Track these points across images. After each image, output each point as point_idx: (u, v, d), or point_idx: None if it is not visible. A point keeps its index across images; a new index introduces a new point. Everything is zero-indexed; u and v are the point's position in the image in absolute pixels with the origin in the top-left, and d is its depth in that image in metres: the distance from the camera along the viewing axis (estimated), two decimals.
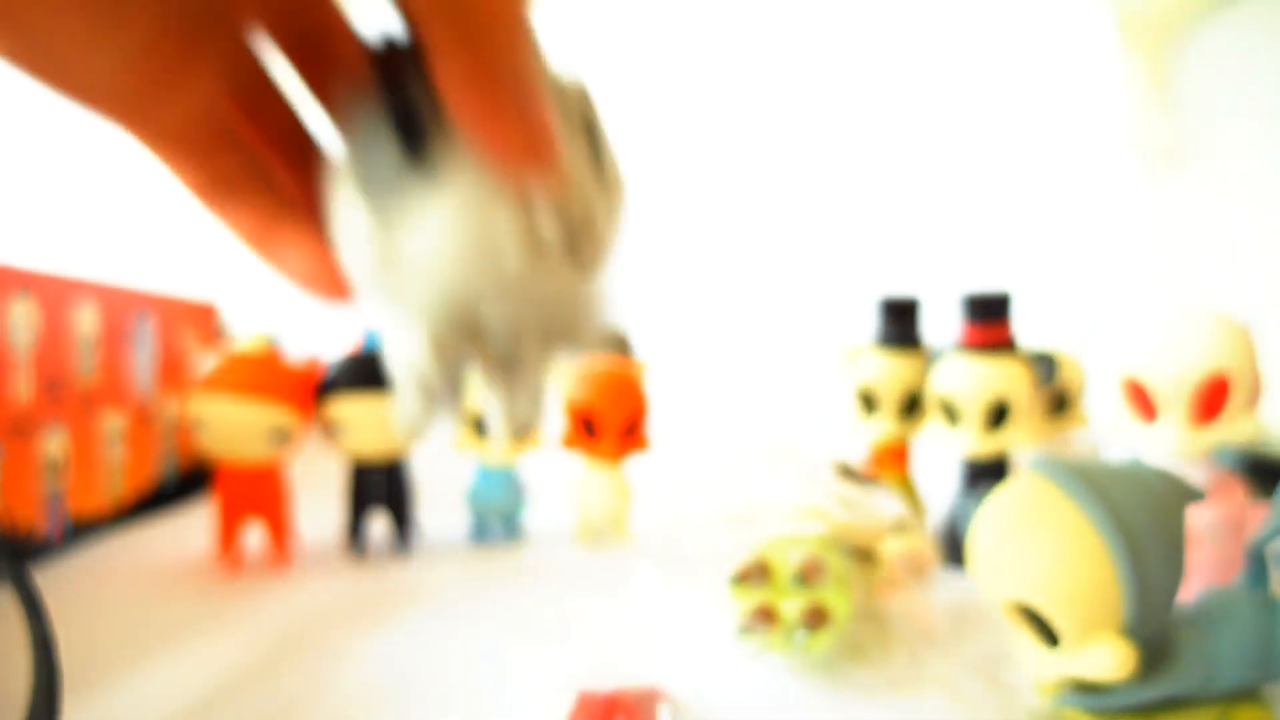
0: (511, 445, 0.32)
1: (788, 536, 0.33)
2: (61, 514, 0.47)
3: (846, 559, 0.32)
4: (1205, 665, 0.24)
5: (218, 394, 0.43)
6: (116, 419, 0.54)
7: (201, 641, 0.35)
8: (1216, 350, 0.32)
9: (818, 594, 0.32)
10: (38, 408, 0.45)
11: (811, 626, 0.31)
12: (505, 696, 0.30)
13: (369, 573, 0.45)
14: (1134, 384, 0.35)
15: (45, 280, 0.46)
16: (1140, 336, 0.34)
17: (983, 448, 0.43)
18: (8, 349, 0.43)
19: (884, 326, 0.49)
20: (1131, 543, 0.23)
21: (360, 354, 0.47)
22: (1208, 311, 0.33)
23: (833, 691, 0.30)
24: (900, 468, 0.50)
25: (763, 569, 0.32)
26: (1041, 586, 0.23)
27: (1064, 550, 0.23)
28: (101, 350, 0.52)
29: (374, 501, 0.48)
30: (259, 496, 0.46)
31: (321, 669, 0.33)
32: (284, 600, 0.41)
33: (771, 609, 0.32)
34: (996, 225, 0.94)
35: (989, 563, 0.25)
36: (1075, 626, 0.24)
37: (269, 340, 0.46)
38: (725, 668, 0.33)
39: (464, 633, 0.36)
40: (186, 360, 0.65)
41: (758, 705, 0.30)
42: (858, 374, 0.50)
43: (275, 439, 0.45)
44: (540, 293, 0.22)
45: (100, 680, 0.31)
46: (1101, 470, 0.24)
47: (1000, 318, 0.43)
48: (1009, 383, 0.42)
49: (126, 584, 0.43)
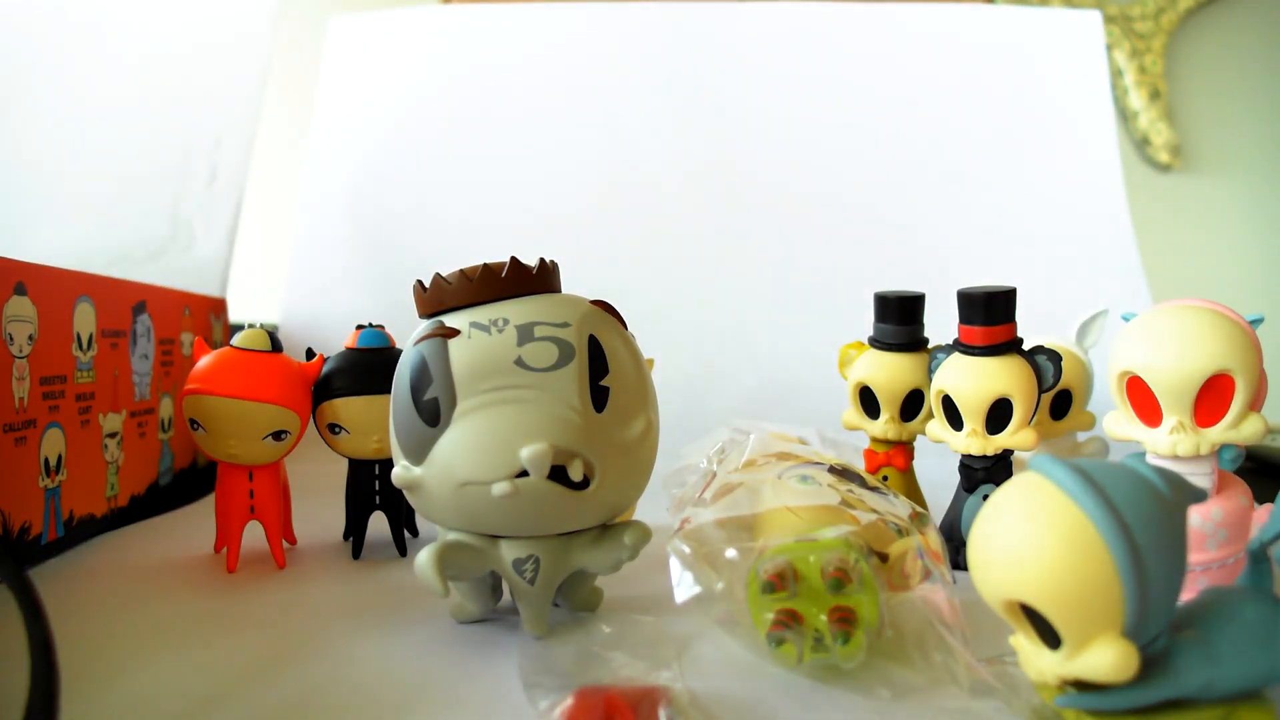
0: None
1: (811, 542, 0.32)
2: (59, 513, 0.47)
3: (869, 561, 0.32)
4: (1207, 666, 0.24)
5: (217, 394, 0.43)
6: (115, 418, 0.54)
7: (201, 641, 0.35)
8: (1219, 350, 0.32)
9: (848, 599, 0.31)
10: (35, 406, 0.45)
11: (843, 632, 0.30)
12: (505, 696, 0.30)
13: (369, 573, 0.45)
14: (1137, 384, 0.35)
15: (43, 275, 0.46)
16: (1143, 336, 0.34)
17: (983, 448, 0.43)
18: (5, 345, 0.42)
19: (884, 324, 0.49)
20: (1132, 543, 0.23)
21: (359, 353, 0.47)
22: (1210, 311, 0.33)
23: (834, 691, 0.30)
24: (901, 467, 0.50)
25: (791, 576, 0.31)
26: (1042, 587, 0.23)
27: (1065, 551, 0.23)
28: (100, 347, 0.52)
29: (373, 502, 0.48)
30: (259, 496, 0.45)
31: (321, 669, 0.33)
32: (284, 600, 0.40)
33: (797, 613, 0.31)
34: (997, 225, 0.94)
35: (989, 563, 0.25)
36: (1076, 627, 0.23)
37: (267, 332, 0.46)
38: (726, 667, 0.32)
39: (463, 632, 0.36)
40: (187, 357, 0.65)
41: (758, 705, 0.30)
42: (858, 372, 0.50)
43: (275, 439, 0.45)
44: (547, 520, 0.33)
45: (99, 680, 0.31)
46: (1102, 470, 0.24)
47: (1002, 316, 0.42)
48: (1010, 382, 0.42)
49: (125, 584, 0.43)
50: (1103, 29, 1.02)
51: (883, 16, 1.01)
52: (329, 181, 0.96)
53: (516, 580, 0.34)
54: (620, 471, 0.33)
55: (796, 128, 0.98)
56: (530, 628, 0.35)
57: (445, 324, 0.33)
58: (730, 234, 0.94)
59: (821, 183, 0.96)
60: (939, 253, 0.91)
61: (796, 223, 0.94)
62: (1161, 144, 1.53)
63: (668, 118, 0.98)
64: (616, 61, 1.00)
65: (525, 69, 0.99)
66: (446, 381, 0.32)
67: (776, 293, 0.91)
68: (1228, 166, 1.56)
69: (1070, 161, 0.97)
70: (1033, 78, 0.99)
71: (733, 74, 0.99)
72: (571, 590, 0.38)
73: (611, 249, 0.91)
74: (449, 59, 1.01)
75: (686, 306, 0.90)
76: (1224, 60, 1.57)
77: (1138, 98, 1.53)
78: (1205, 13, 1.56)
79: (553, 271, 0.36)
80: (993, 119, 0.98)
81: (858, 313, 0.54)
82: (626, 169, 0.96)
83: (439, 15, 1.05)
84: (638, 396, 0.34)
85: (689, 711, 0.28)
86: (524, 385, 0.32)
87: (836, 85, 0.99)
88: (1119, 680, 0.23)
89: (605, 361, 0.33)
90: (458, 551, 0.33)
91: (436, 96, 0.99)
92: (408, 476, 0.33)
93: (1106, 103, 0.99)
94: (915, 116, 0.98)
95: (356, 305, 0.84)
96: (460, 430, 0.32)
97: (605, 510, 0.34)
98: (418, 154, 0.97)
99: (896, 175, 0.96)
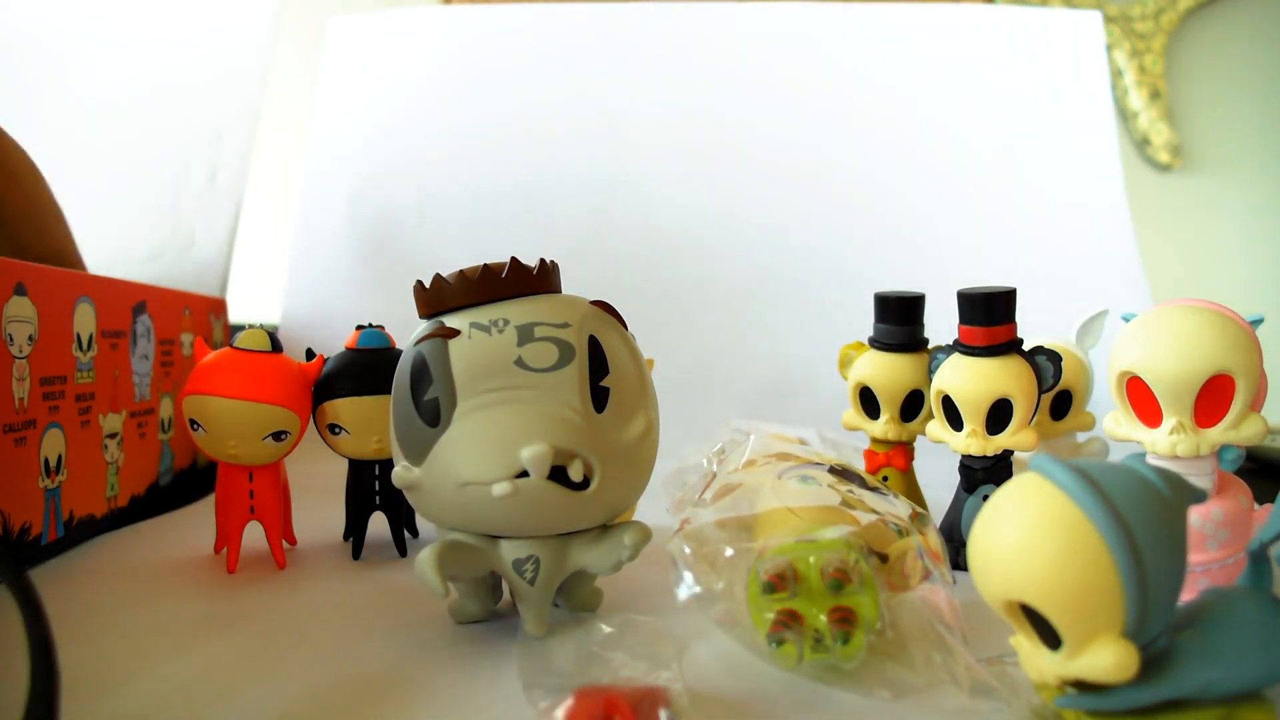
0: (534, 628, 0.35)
1: (811, 542, 0.32)
2: (59, 513, 0.47)
3: (869, 562, 0.32)
4: (1207, 666, 0.24)
5: (217, 394, 0.43)
6: (115, 418, 0.54)
7: (201, 641, 0.35)
8: (1219, 351, 0.32)
9: (848, 600, 0.31)
10: (35, 406, 0.45)
11: (843, 632, 0.30)
12: (505, 696, 0.30)
13: (369, 573, 0.45)
14: (1137, 384, 0.35)
15: (43, 275, 0.46)
16: (1143, 336, 0.34)
17: (983, 448, 0.43)
18: (5, 346, 0.42)
19: (884, 325, 0.49)
20: (1133, 543, 0.23)
21: (359, 353, 0.47)
22: (1210, 311, 0.33)
23: (834, 691, 0.30)
24: (901, 467, 0.50)
25: (791, 577, 0.31)
26: (1042, 587, 0.23)
27: (1065, 551, 0.23)
28: (100, 347, 0.52)
29: (373, 502, 0.48)
30: (259, 497, 0.45)
31: (321, 669, 0.33)
32: (284, 600, 0.40)
33: (797, 613, 0.31)
34: (997, 225, 0.94)
35: (989, 563, 0.25)
36: (1076, 627, 0.23)
37: (267, 332, 0.46)
38: (726, 667, 0.32)
39: (463, 632, 0.36)
40: (187, 357, 0.65)
41: (758, 705, 0.30)
42: (858, 373, 0.50)
43: (275, 439, 0.44)
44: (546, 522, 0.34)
45: (99, 680, 0.31)
46: (1102, 470, 0.24)
47: (1002, 317, 0.42)
48: (1011, 383, 0.42)
49: (125, 584, 0.43)
50: (1103, 29, 1.02)
51: (882, 16, 1.01)
52: (329, 181, 0.96)
53: (516, 580, 0.34)
54: (620, 472, 0.33)
55: (796, 128, 0.98)
56: (530, 628, 0.35)
57: (445, 324, 0.33)
58: (730, 234, 0.94)
59: (821, 182, 0.96)
60: (939, 253, 0.91)
61: (796, 222, 0.94)
62: (1161, 144, 1.53)
63: (668, 118, 0.98)
64: (616, 61, 1.00)
65: (525, 69, 0.99)
66: (447, 382, 0.32)
67: (776, 293, 0.91)
68: (1228, 166, 1.56)
69: (1070, 161, 0.97)
70: (1033, 78, 0.99)
71: (732, 74, 0.99)
72: (571, 590, 0.38)
73: (611, 249, 0.91)
74: (449, 59, 1.01)
75: (686, 306, 0.90)
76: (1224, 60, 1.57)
77: (1138, 98, 1.53)
78: (1205, 13, 1.57)
79: (553, 272, 0.36)
80: (993, 119, 0.98)
81: (858, 313, 0.54)
82: (627, 169, 0.96)
83: (439, 15, 1.05)
84: (638, 397, 0.34)
85: (689, 711, 0.28)
86: (524, 386, 0.32)
87: (836, 85, 0.99)
88: (1119, 680, 0.23)
89: (605, 362, 0.33)
90: (458, 552, 0.33)
91: (436, 97, 0.99)
92: (408, 477, 0.33)
93: (1106, 103, 0.99)
94: (915, 116, 0.98)
95: (356, 305, 0.84)
96: (460, 430, 0.32)
97: (605, 510, 0.34)
98: (418, 154, 0.97)
99: (896, 175, 0.96)
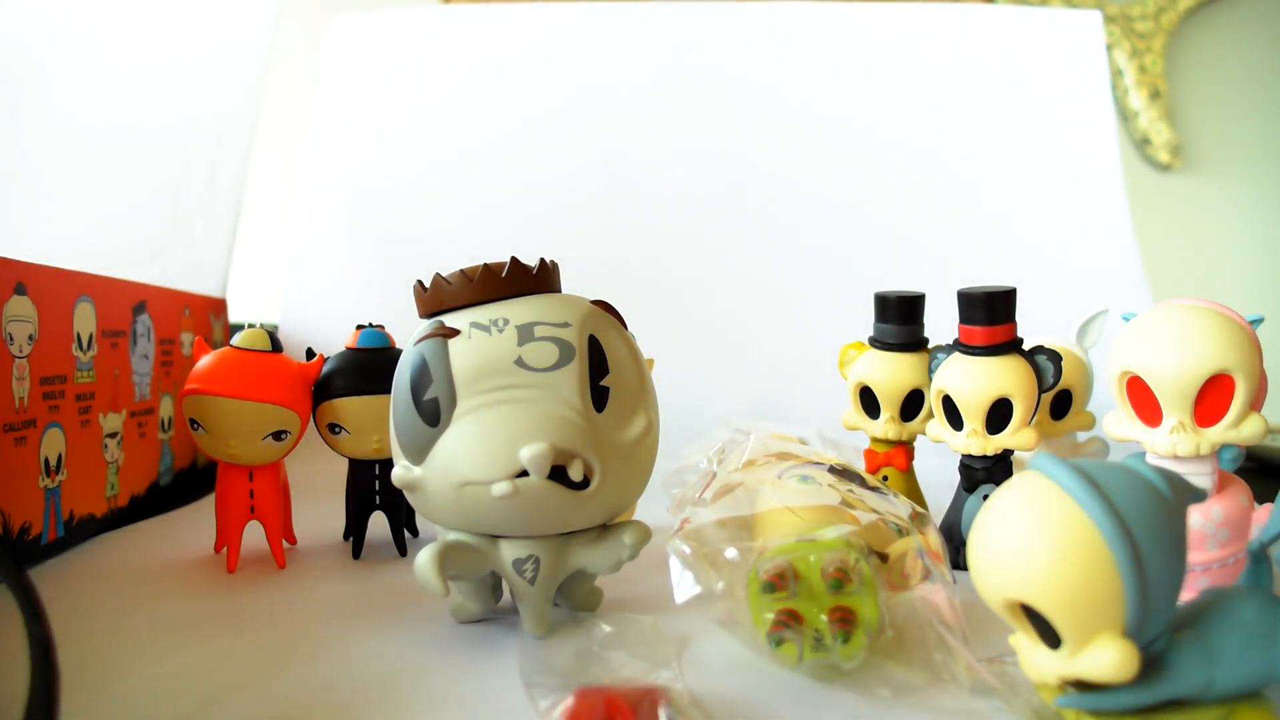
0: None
1: (811, 542, 0.32)
2: (59, 513, 0.47)
3: (869, 561, 0.32)
4: (1207, 666, 0.24)
5: (217, 394, 0.43)
6: (115, 417, 0.54)
7: (201, 641, 0.35)
8: (1220, 351, 0.32)
9: (848, 599, 0.31)
10: (35, 406, 0.45)
11: (843, 631, 0.30)
12: (505, 696, 0.30)
13: (369, 573, 0.45)
14: (1137, 384, 0.35)
15: (43, 275, 0.46)
16: (1143, 336, 0.34)
17: (983, 448, 0.43)
18: (5, 345, 0.42)
19: (884, 324, 0.49)
20: (1133, 543, 0.23)
21: (359, 353, 0.47)
22: (1211, 311, 0.33)
23: (834, 691, 0.30)
24: (901, 467, 0.50)
25: (791, 576, 0.31)
26: (1042, 587, 0.23)
27: (1065, 550, 0.23)
28: (100, 347, 0.52)
29: (373, 502, 0.48)
30: (259, 496, 0.45)
31: (321, 669, 0.33)
32: (284, 600, 0.40)
33: (797, 613, 0.31)
34: (997, 225, 0.94)
35: (989, 563, 0.25)
36: (1076, 627, 0.23)
37: (267, 332, 0.46)
38: (726, 667, 0.32)
39: (463, 632, 0.36)
40: (187, 357, 0.65)
41: (758, 705, 0.30)
42: (858, 372, 0.50)
43: (275, 439, 0.44)
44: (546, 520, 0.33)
45: (99, 680, 0.31)
46: (1102, 470, 0.24)
47: (1003, 316, 0.42)
48: (1011, 382, 0.42)
49: (125, 584, 0.43)
50: (1103, 29, 1.02)
51: (882, 16, 1.01)
52: (329, 181, 0.96)
53: (516, 580, 0.34)
54: (620, 471, 0.33)
55: (796, 128, 0.98)
56: (530, 628, 0.35)
57: (445, 324, 0.33)
58: (730, 234, 0.94)
59: (821, 182, 0.96)
60: (939, 253, 0.91)
61: (797, 222, 0.94)
62: (1161, 144, 1.53)
63: (668, 118, 0.98)
64: (616, 61, 1.00)
65: (525, 69, 0.99)
66: (447, 381, 0.32)
67: (776, 293, 0.91)
68: (1228, 166, 1.56)
69: (1070, 161, 0.97)
70: (1033, 78, 0.99)
71: (732, 74, 0.99)
72: (571, 590, 0.38)
73: (611, 249, 0.91)
74: (449, 59, 1.01)
75: (686, 306, 0.90)
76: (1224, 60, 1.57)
77: (1138, 98, 1.53)
78: (1205, 13, 1.56)
79: (553, 271, 0.36)
80: (993, 119, 0.98)
81: (858, 313, 0.54)
82: (627, 169, 0.96)
83: (439, 15, 1.05)
84: (638, 396, 0.34)
85: (689, 711, 0.28)
86: (524, 385, 0.32)
87: (836, 85, 0.99)
88: (1119, 680, 0.23)
89: (605, 361, 0.33)
90: (458, 551, 0.33)
91: (436, 96, 0.99)
92: (408, 476, 0.33)
93: (1106, 103, 0.99)
94: (915, 116, 0.98)
95: (356, 305, 0.84)
96: (460, 430, 0.32)
97: (605, 510, 0.34)
98: (418, 154, 0.97)
99: (896, 175, 0.96)
